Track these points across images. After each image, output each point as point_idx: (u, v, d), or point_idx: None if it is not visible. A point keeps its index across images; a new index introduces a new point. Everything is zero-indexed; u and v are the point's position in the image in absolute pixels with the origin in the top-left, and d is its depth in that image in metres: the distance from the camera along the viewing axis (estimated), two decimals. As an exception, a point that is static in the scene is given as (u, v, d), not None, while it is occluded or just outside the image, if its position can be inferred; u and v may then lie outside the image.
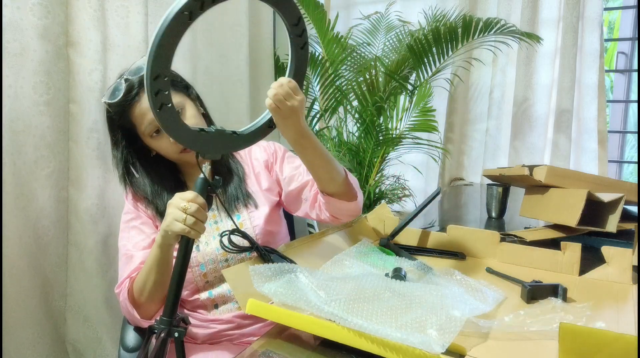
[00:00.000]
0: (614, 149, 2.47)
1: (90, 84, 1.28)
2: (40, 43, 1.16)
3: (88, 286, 1.33)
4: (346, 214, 0.99)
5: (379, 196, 2.20)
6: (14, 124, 1.14)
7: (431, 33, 1.91)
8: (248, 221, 1.01)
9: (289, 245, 0.86)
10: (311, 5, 2.06)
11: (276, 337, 0.67)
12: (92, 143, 1.30)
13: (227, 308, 1.00)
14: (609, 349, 0.49)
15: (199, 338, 1.03)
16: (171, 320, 0.72)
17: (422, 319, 0.58)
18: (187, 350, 1.02)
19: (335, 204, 0.95)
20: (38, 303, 1.24)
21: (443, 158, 2.44)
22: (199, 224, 0.74)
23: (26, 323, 1.21)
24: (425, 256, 0.97)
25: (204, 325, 1.01)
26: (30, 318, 1.21)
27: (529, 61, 2.26)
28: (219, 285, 1.00)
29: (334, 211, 0.97)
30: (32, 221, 1.20)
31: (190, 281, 1.00)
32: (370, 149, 2.09)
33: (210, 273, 1.00)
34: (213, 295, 1.00)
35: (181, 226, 0.73)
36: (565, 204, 1.13)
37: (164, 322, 0.72)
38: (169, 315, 0.72)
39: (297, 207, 1.06)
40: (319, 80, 2.19)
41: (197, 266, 0.99)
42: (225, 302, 1.01)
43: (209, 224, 1.01)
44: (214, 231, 1.01)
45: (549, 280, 0.77)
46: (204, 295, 1.01)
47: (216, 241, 0.99)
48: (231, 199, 1.02)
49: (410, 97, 2.09)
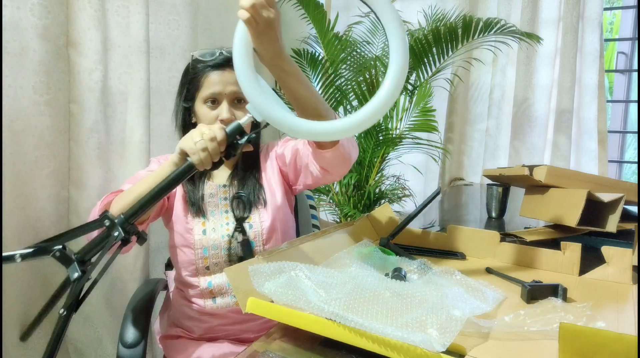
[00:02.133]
0: (614, 149, 2.47)
1: (90, 84, 1.28)
2: (40, 43, 1.16)
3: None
4: (335, 164, 0.94)
5: (379, 196, 2.20)
6: (13, 124, 1.14)
7: (431, 33, 1.91)
8: (257, 217, 1.04)
9: (291, 243, 0.86)
10: (311, 5, 2.06)
11: (276, 337, 0.67)
12: (92, 142, 1.30)
13: (225, 302, 1.02)
14: (609, 349, 0.49)
15: (194, 332, 1.05)
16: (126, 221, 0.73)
17: (422, 319, 0.58)
18: (185, 345, 1.05)
19: (324, 155, 0.92)
20: (38, 303, 1.24)
21: (443, 158, 2.44)
22: (206, 152, 0.75)
23: (26, 323, 1.21)
24: (425, 256, 0.97)
25: (199, 318, 1.03)
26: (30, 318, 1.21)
27: (529, 61, 2.26)
28: (219, 274, 1.02)
29: (323, 163, 0.95)
30: (32, 221, 1.20)
31: (192, 263, 1.02)
32: (370, 149, 2.09)
33: (211, 258, 1.02)
34: (212, 285, 1.02)
35: (190, 145, 0.75)
36: (565, 204, 1.13)
37: (120, 220, 0.73)
38: (129, 216, 0.73)
39: (296, 179, 1.07)
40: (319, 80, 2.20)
41: (200, 248, 1.01)
42: (223, 295, 1.02)
43: (220, 212, 1.05)
44: (223, 220, 1.04)
45: (549, 280, 0.77)
46: (204, 283, 1.02)
47: (223, 229, 1.03)
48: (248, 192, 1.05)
49: (410, 97, 2.09)
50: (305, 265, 0.74)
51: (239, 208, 1.04)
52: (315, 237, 0.93)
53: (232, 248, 1.01)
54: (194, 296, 1.04)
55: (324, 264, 0.85)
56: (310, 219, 1.35)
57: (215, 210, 1.05)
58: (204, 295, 1.02)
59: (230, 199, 1.05)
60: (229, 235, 1.02)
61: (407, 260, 0.88)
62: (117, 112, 1.36)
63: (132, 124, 1.38)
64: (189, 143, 0.76)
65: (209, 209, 1.05)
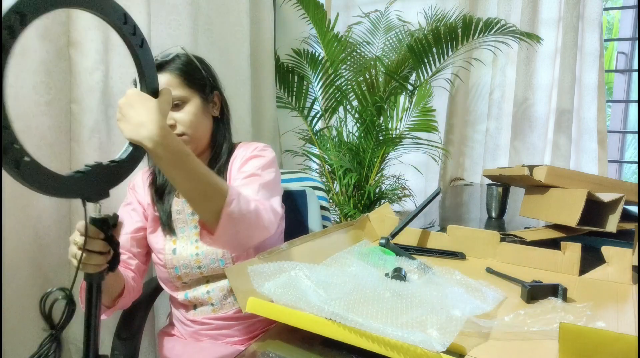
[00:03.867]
0: (614, 149, 2.47)
1: (91, 84, 1.28)
2: (41, 43, 1.16)
3: (89, 286, 1.33)
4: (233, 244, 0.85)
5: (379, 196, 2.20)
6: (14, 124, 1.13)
7: (431, 33, 1.91)
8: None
9: (291, 243, 0.86)
10: (311, 5, 2.06)
11: (276, 337, 0.67)
12: (93, 143, 1.30)
13: (203, 311, 1.03)
14: (609, 349, 0.49)
15: (184, 334, 1.09)
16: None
17: (422, 319, 0.58)
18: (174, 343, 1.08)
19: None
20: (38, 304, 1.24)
21: (443, 158, 2.44)
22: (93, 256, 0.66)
23: (26, 323, 1.21)
24: (425, 256, 0.97)
25: (185, 322, 1.07)
26: (30, 318, 1.21)
27: (529, 61, 2.26)
28: (195, 288, 1.03)
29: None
30: (32, 221, 1.20)
31: (168, 280, 1.04)
32: (370, 149, 2.09)
33: (184, 276, 1.02)
34: (189, 297, 1.03)
35: (74, 261, 0.67)
36: (565, 204, 1.13)
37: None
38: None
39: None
40: (319, 80, 2.20)
41: (172, 268, 1.02)
42: (202, 304, 1.03)
43: (190, 228, 1.02)
44: (192, 236, 1.02)
45: (549, 280, 0.77)
46: (181, 296, 1.04)
47: (192, 246, 1.01)
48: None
49: (410, 97, 2.09)
50: (305, 265, 0.74)
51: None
52: (315, 237, 0.93)
53: (202, 267, 1.00)
54: (176, 305, 1.07)
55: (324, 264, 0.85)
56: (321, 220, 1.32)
57: (185, 226, 1.02)
58: (185, 305, 1.05)
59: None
60: (197, 254, 0.99)
61: (407, 260, 0.88)
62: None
63: (133, 124, 1.38)
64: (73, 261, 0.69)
65: (178, 226, 1.02)
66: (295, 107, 2.23)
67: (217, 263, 1.00)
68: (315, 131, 2.29)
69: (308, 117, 2.25)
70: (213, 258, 1.00)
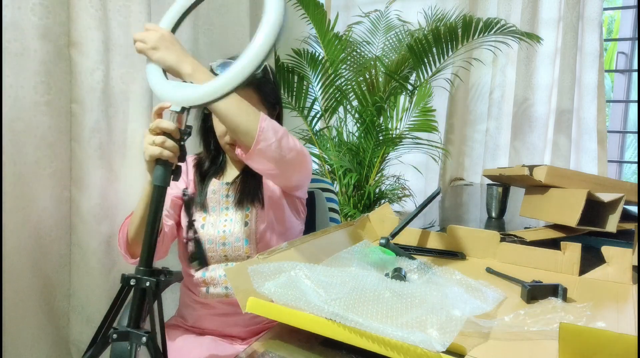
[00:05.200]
0: (614, 149, 2.47)
1: (92, 84, 1.28)
2: (41, 43, 1.16)
3: (91, 286, 1.33)
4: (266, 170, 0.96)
5: (379, 196, 2.20)
6: (14, 124, 1.14)
7: (431, 33, 1.91)
8: (254, 217, 1.07)
9: (291, 243, 0.86)
10: (311, 5, 2.07)
11: (276, 337, 0.67)
12: (94, 143, 1.30)
13: (216, 293, 1.06)
14: (609, 349, 0.49)
15: (188, 321, 1.11)
16: (145, 270, 0.72)
17: (422, 319, 0.58)
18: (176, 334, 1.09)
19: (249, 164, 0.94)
20: (39, 304, 1.24)
21: (443, 158, 2.44)
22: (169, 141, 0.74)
23: (27, 323, 1.21)
24: (425, 256, 0.97)
25: (192, 305, 1.09)
26: (31, 318, 1.22)
27: (529, 61, 2.27)
28: (213, 267, 1.07)
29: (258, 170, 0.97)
30: (33, 222, 1.20)
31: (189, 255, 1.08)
32: (370, 149, 2.10)
33: (207, 251, 1.06)
34: (206, 276, 1.06)
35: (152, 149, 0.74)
36: (565, 204, 1.13)
37: (139, 271, 0.72)
38: (144, 265, 0.72)
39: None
40: (319, 80, 2.20)
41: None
42: (216, 286, 1.06)
43: (221, 208, 1.09)
44: (222, 216, 1.08)
45: (549, 280, 0.77)
46: (198, 274, 1.07)
47: (221, 225, 1.07)
48: (246, 192, 1.08)
49: (410, 97, 2.09)
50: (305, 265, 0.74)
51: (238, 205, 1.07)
52: (315, 237, 0.93)
53: (227, 244, 1.05)
54: (190, 284, 1.10)
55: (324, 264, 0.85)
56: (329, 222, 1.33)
57: (217, 206, 1.09)
58: (198, 284, 1.07)
59: (229, 195, 1.09)
60: (224, 231, 1.06)
61: (407, 260, 0.88)
62: (119, 112, 1.36)
63: (134, 125, 1.38)
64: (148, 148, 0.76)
65: (210, 205, 1.09)
66: (295, 107, 2.23)
67: (242, 243, 1.05)
68: (315, 131, 2.29)
69: (308, 117, 2.25)
70: (238, 237, 1.05)
